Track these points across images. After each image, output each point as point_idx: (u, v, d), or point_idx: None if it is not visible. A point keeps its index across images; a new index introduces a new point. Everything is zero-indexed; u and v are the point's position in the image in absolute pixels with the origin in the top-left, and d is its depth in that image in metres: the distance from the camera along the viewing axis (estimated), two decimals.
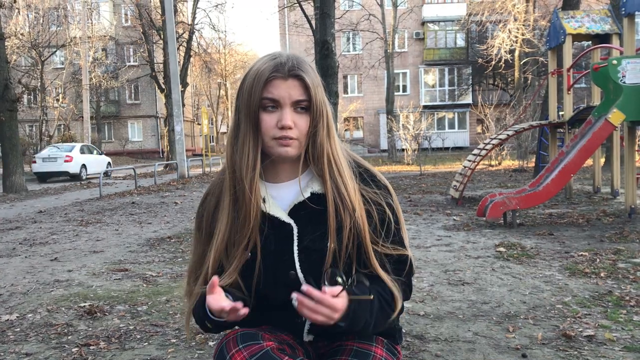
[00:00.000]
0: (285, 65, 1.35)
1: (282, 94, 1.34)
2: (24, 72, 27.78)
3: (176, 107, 18.79)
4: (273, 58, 1.37)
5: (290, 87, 1.34)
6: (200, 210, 1.51)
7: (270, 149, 1.38)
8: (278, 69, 1.34)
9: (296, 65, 1.36)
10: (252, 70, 1.38)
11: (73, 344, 3.12)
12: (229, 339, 1.31)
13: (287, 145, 1.36)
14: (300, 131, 1.36)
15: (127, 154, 38.78)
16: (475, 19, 28.02)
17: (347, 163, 1.44)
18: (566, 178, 6.97)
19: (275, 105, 1.35)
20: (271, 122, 1.35)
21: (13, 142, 14.23)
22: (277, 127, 1.35)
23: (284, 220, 1.41)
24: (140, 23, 27.87)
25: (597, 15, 9.57)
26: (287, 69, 1.34)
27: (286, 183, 1.45)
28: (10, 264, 5.50)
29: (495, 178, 14.23)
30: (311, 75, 1.37)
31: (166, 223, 8.06)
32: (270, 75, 1.34)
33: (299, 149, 1.39)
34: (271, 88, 1.34)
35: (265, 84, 1.34)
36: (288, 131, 1.34)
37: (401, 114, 21.63)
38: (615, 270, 4.40)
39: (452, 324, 3.27)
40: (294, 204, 1.42)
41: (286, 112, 1.34)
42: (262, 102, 1.35)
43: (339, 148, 1.43)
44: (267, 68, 1.35)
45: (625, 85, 6.59)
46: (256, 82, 1.35)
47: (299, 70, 1.35)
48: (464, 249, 5.56)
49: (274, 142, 1.36)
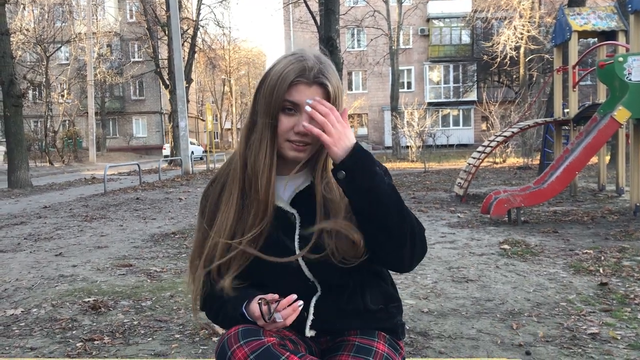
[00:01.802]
0: (312, 70, 1.34)
1: (303, 99, 1.34)
2: (29, 68, 27.86)
3: (180, 103, 18.82)
4: (300, 60, 1.36)
5: (313, 94, 1.34)
6: (205, 196, 1.54)
7: (282, 150, 1.39)
8: (303, 73, 1.34)
9: (322, 72, 1.35)
10: (276, 69, 1.37)
11: (77, 339, 3.13)
12: (231, 334, 1.31)
13: (301, 151, 1.38)
14: (315, 137, 1.36)
15: (132, 150, 38.87)
16: (481, 16, 27.91)
17: None
18: (571, 176, 6.95)
19: (295, 109, 1.35)
20: (288, 125, 1.36)
21: (18, 137, 14.25)
22: (294, 131, 1.35)
23: (287, 210, 1.43)
24: (145, 19, 27.91)
25: (603, 12, 9.52)
26: (313, 75, 1.34)
27: (290, 175, 1.46)
28: (15, 259, 5.52)
29: (499, 175, 14.20)
30: (334, 82, 1.37)
31: (170, 219, 8.08)
32: (296, 79, 1.34)
33: (311, 152, 1.41)
34: (294, 92, 1.34)
35: (289, 86, 1.34)
36: (304, 137, 1.35)
37: (406, 111, 21.60)
38: (620, 268, 4.39)
39: (456, 321, 3.27)
40: (295, 193, 1.44)
41: (304, 118, 1.34)
42: (283, 104, 1.35)
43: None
44: (293, 70, 1.34)
45: (631, 83, 6.56)
46: (280, 82, 1.34)
47: (324, 77, 1.35)
48: (468, 246, 5.55)
49: (287, 145, 1.38)
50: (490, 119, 20.20)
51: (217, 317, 1.49)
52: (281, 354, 1.26)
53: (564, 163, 6.89)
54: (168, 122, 31.86)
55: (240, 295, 1.39)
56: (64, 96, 30.89)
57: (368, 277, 1.48)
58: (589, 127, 7.17)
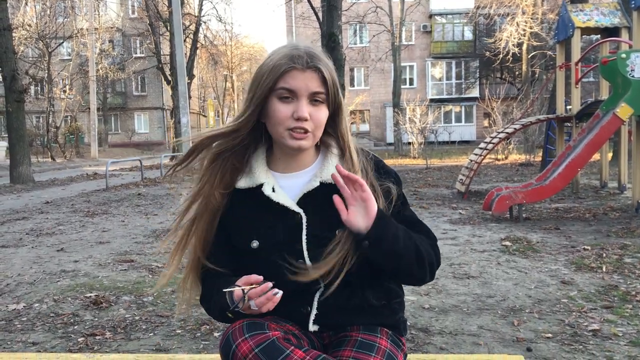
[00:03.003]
0: (304, 57, 1.35)
1: (299, 84, 1.34)
2: (31, 64, 27.81)
3: (182, 99, 18.75)
4: (291, 48, 1.38)
5: (308, 79, 1.35)
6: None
7: (282, 140, 1.39)
8: (295, 60, 1.35)
9: (314, 57, 1.36)
10: (268, 60, 1.38)
11: (79, 334, 3.14)
12: (235, 328, 1.31)
13: (301, 139, 1.37)
14: (315, 123, 1.37)
15: (134, 146, 38.87)
16: (483, 12, 27.84)
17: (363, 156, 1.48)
18: (573, 172, 6.94)
19: (291, 96, 1.35)
20: (287, 113, 1.35)
21: (20, 133, 14.25)
22: (293, 118, 1.35)
23: (294, 210, 1.42)
24: (147, 14, 27.88)
25: (606, 8, 9.49)
26: (306, 60, 1.35)
27: (296, 173, 1.46)
28: (17, 254, 5.54)
29: (501, 172, 14.19)
30: (329, 67, 1.38)
31: (172, 214, 8.08)
32: (289, 66, 1.34)
33: (313, 142, 1.41)
34: (289, 78, 1.35)
35: (283, 74, 1.34)
36: (304, 123, 1.35)
37: (408, 107, 21.56)
38: (622, 265, 4.38)
39: (457, 317, 3.27)
40: (302, 193, 1.43)
41: (302, 104, 1.35)
42: (278, 92, 1.35)
43: (354, 144, 1.47)
44: (285, 57, 1.35)
45: (634, 79, 6.54)
46: (273, 70, 1.35)
47: (317, 61, 1.36)
48: (470, 242, 5.55)
49: (287, 133, 1.37)
50: (493, 115, 20.16)
51: (209, 302, 1.48)
52: (286, 348, 1.26)
53: (566, 160, 6.88)
54: (170, 118, 31.83)
55: (229, 280, 1.39)
56: (66, 92, 30.90)
57: (371, 273, 1.48)
58: (592, 124, 7.15)
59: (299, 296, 1.39)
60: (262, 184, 1.43)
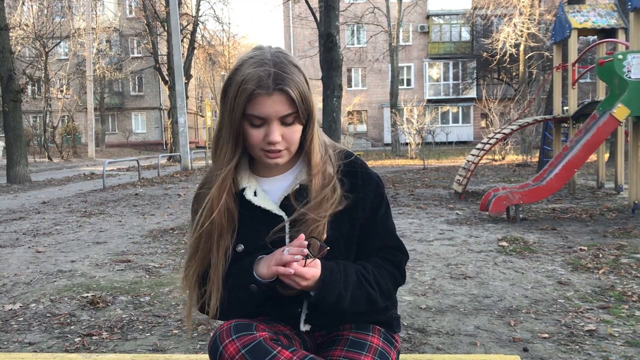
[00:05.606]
0: (269, 78, 1.29)
1: (267, 110, 1.31)
2: (28, 63, 27.78)
3: (180, 99, 18.78)
4: (257, 65, 1.31)
5: (276, 103, 1.30)
6: (196, 199, 1.50)
7: (258, 158, 1.40)
8: (261, 84, 1.29)
9: (279, 77, 1.30)
10: (236, 77, 1.33)
11: (76, 334, 3.13)
12: (223, 329, 1.32)
13: (276, 157, 1.37)
14: (288, 142, 1.36)
15: (131, 146, 38.81)
16: (481, 13, 27.91)
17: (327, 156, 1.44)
18: (570, 173, 6.96)
19: (261, 122, 1.33)
20: (258, 137, 1.34)
21: (17, 132, 14.23)
22: (266, 142, 1.34)
23: (275, 213, 1.42)
24: (144, 14, 27.81)
25: (603, 9, 9.51)
26: (271, 82, 1.29)
27: (278, 177, 1.46)
28: (14, 254, 5.52)
29: (498, 172, 14.21)
30: (297, 82, 1.32)
31: (169, 215, 8.08)
32: (255, 92, 1.29)
33: (289, 156, 1.41)
34: (256, 105, 1.31)
35: (250, 99, 1.30)
36: (276, 145, 1.34)
37: (405, 108, 21.60)
38: (618, 265, 4.39)
39: (454, 318, 3.28)
40: (284, 196, 1.43)
41: (273, 129, 1.33)
42: (249, 118, 1.33)
43: (318, 145, 1.43)
44: (252, 79, 1.30)
45: (631, 80, 6.56)
46: (240, 94, 1.31)
47: (283, 83, 1.30)
48: (467, 243, 5.56)
49: (262, 153, 1.37)
50: (490, 116, 20.19)
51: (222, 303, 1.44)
52: (273, 349, 1.27)
53: (563, 160, 6.89)
54: (167, 118, 31.76)
55: (243, 268, 1.38)
56: (63, 91, 30.82)
57: None
58: (588, 125, 7.17)
59: (289, 296, 1.39)
60: (244, 188, 1.43)
